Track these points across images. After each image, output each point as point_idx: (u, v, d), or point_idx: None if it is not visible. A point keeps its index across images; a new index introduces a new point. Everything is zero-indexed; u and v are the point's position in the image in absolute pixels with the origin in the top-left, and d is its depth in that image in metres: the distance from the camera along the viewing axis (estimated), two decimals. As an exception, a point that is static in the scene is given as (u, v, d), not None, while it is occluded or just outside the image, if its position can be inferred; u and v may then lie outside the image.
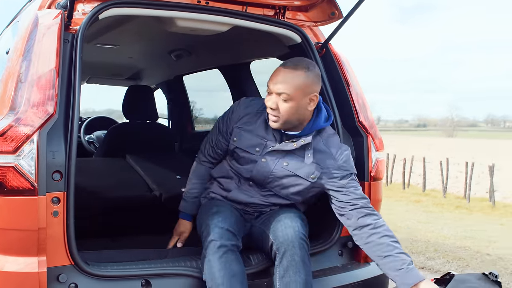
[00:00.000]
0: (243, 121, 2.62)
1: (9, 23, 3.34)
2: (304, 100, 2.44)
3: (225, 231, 2.41)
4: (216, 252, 2.33)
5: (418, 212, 10.24)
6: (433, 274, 5.30)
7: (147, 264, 2.38)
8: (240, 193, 2.63)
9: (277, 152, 2.54)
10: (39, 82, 2.14)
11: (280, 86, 2.41)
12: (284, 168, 2.53)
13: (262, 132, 2.57)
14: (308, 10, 2.95)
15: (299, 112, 2.46)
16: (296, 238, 2.39)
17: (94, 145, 5.42)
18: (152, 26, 3.09)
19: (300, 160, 2.53)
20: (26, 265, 2.06)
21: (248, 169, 2.59)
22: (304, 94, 2.43)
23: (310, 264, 2.39)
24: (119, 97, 4.44)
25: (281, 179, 2.55)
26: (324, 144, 2.58)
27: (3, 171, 2.04)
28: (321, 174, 2.53)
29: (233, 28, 2.85)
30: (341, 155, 2.56)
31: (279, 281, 2.33)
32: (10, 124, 2.06)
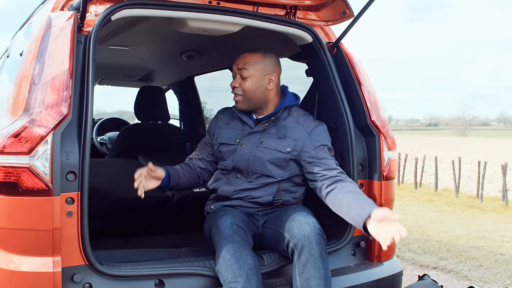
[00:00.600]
0: (221, 122, 2.90)
1: (22, 25, 3.37)
2: (263, 79, 2.73)
3: (236, 226, 2.49)
4: (230, 247, 2.37)
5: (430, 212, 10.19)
6: (446, 275, 5.28)
7: (160, 264, 2.40)
8: (228, 186, 2.76)
9: (253, 136, 2.76)
10: (53, 84, 2.16)
11: (241, 66, 2.73)
12: (261, 146, 2.72)
13: (238, 125, 2.83)
14: (319, 9, 2.95)
15: (259, 90, 2.74)
16: (313, 234, 2.41)
17: (106, 146, 5.45)
18: (163, 27, 3.10)
19: (274, 137, 2.73)
20: (41, 265, 2.08)
21: (231, 159, 2.77)
22: (262, 73, 2.73)
23: (328, 259, 2.41)
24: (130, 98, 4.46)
25: (260, 158, 2.70)
26: (296, 120, 2.78)
27: (18, 171, 2.06)
28: (295, 146, 2.70)
29: (244, 28, 2.86)
30: (314, 129, 2.74)
31: (299, 277, 2.35)
32: (24, 125, 2.08)
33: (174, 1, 2.59)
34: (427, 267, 5.54)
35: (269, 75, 2.75)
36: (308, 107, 3.17)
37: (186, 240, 3.40)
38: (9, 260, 2.10)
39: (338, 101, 2.85)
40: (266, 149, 2.71)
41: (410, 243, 6.65)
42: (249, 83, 2.72)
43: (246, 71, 2.72)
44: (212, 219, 2.66)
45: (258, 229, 2.71)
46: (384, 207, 2.31)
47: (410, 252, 6.18)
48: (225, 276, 2.31)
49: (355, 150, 2.79)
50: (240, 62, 2.75)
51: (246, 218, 2.66)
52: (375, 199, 2.80)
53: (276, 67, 2.80)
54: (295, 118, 2.79)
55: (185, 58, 4.39)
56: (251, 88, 2.73)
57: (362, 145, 2.85)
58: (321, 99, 3.05)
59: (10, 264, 2.09)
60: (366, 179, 2.84)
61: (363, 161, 2.84)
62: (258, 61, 2.74)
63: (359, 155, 2.82)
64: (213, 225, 2.57)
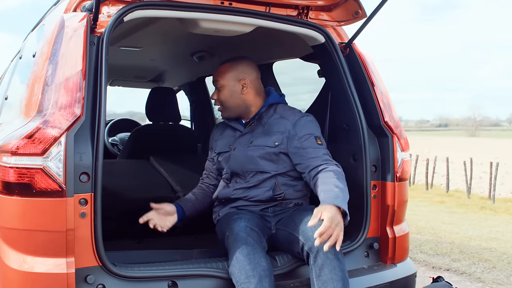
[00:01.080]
0: (217, 135, 3.05)
1: (34, 27, 3.38)
2: (235, 85, 2.85)
3: (250, 229, 2.50)
4: (244, 248, 2.37)
5: (442, 213, 10.12)
6: (459, 276, 5.24)
7: (173, 265, 2.39)
8: (228, 189, 2.86)
9: (243, 138, 2.87)
10: (66, 85, 2.16)
11: (215, 79, 2.90)
12: (251, 146, 2.81)
13: (230, 132, 2.95)
14: (331, 9, 2.94)
15: (235, 97, 2.86)
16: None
17: (117, 147, 5.46)
18: (175, 28, 3.10)
19: (260, 134, 2.83)
20: (54, 266, 2.09)
21: (227, 166, 2.88)
22: (233, 81, 2.85)
23: (344, 260, 2.39)
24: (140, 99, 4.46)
25: (252, 157, 2.78)
26: (280, 115, 2.86)
27: (32, 173, 2.06)
28: (282, 139, 2.77)
29: (256, 29, 2.85)
30: (298, 120, 2.80)
31: (316, 280, 2.33)
32: (38, 127, 2.09)
33: (186, 1, 2.58)
34: (439, 268, 5.50)
35: (241, 81, 2.85)
36: (321, 108, 3.16)
37: (197, 241, 3.39)
38: (23, 261, 2.10)
39: (350, 102, 2.84)
40: (256, 147, 2.80)
41: (422, 244, 6.60)
42: (223, 93, 2.87)
43: (219, 82, 2.87)
44: (225, 222, 2.67)
45: (271, 231, 2.71)
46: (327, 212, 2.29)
47: (422, 253, 6.14)
48: (238, 277, 2.31)
49: (368, 151, 2.78)
50: (214, 76, 2.91)
51: (260, 222, 2.67)
52: (388, 200, 2.79)
53: (248, 71, 2.89)
54: (280, 113, 2.87)
55: (196, 59, 4.39)
56: (226, 97, 2.86)
57: (375, 146, 2.84)
58: (334, 100, 3.04)
59: (23, 265, 2.10)
60: (379, 180, 2.82)
61: (376, 162, 2.82)
62: (227, 70, 2.87)
63: (372, 156, 2.81)
64: (227, 228, 2.58)
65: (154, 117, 4.27)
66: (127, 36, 3.52)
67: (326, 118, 3.10)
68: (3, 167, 2.10)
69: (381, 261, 2.85)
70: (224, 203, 2.86)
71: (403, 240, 2.88)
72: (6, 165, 2.09)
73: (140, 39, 3.72)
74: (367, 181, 2.77)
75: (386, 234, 2.81)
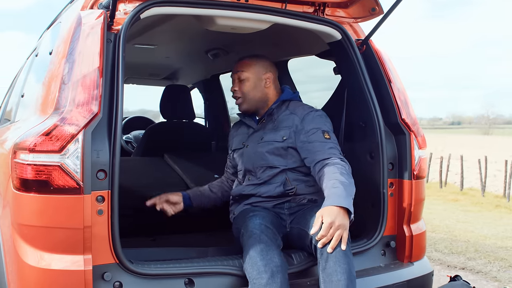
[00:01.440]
0: (233, 132, 3.12)
1: (50, 24, 3.39)
2: (260, 79, 2.90)
3: (265, 227, 2.51)
4: (257, 245, 2.37)
5: (456, 211, 10.04)
6: (475, 275, 5.20)
7: (189, 263, 2.39)
8: (240, 186, 2.92)
9: (255, 135, 2.91)
10: (84, 82, 2.16)
11: (239, 71, 2.92)
12: (261, 142, 2.85)
13: (244, 129, 3.01)
14: (348, 6, 2.92)
15: (257, 90, 2.91)
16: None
17: (131, 144, 5.47)
18: (191, 25, 3.09)
19: (270, 130, 2.86)
20: (72, 263, 2.09)
21: (241, 163, 2.94)
22: (257, 74, 2.90)
23: (351, 255, 2.36)
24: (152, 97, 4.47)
25: (261, 152, 2.82)
26: (291, 111, 2.89)
27: (49, 170, 2.07)
28: (290, 133, 2.79)
29: (272, 26, 2.84)
30: (306, 114, 2.82)
31: (322, 272, 2.32)
32: (55, 124, 2.09)
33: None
34: (454, 267, 5.46)
35: (263, 75, 2.92)
36: (337, 105, 3.14)
37: (212, 238, 3.39)
38: (40, 257, 2.10)
39: (367, 99, 2.81)
40: (265, 142, 2.84)
41: (437, 243, 6.56)
42: (247, 84, 2.90)
43: (243, 74, 2.90)
44: (240, 220, 2.68)
45: (286, 229, 2.70)
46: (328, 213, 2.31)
47: (437, 252, 6.10)
48: (250, 273, 2.31)
49: (385, 148, 2.76)
50: (236, 67, 2.95)
51: (275, 220, 2.67)
52: (405, 198, 2.77)
53: (269, 67, 2.97)
54: (291, 110, 2.90)
55: (211, 57, 4.38)
56: (249, 89, 2.90)
57: (392, 143, 2.81)
58: (350, 97, 3.02)
59: (41, 262, 2.10)
60: (396, 178, 2.80)
61: (393, 159, 2.80)
62: (253, 63, 2.93)
63: (389, 153, 2.78)
64: (242, 225, 2.59)
65: (168, 114, 4.28)
66: (142, 33, 3.52)
67: (342, 116, 3.08)
68: (21, 164, 2.10)
69: (398, 260, 2.83)
70: (238, 201, 2.88)
71: (420, 238, 2.86)
72: (24, 162, 2.09)
73: (155, 36, 3.72)
74: (384, 179, 2.75)
75: (403, 233, 2.79)
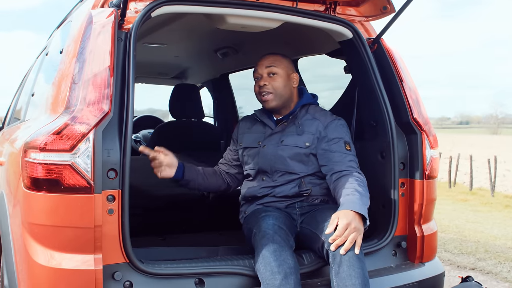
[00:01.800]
0: (244, 128, 3.01)
1: (60, 24, 3.39)
2: (287, 77, 2.85)
3: (277, 227, 2.49)
4: (271, 245, 2.35)
5: (465, 212, 9.99)
6: (485, 276, 5.16)
7: (199, 263, 2.38)
8: (254, 188, 2.83)
9: (274, 136, 2.84)
10: (95, 81, 2.15)
11: (269, 65, 2.83)
12: (281, 145, 2.78)
13: (260, 128, 2.92)
14: (359, 4, 2.90)
15: (286, 88, 2.84)
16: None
17: (140, 143, 5.48)
18: (201, 24, 3.08)
19: (293, 134, 2.79)
20: (82, 262, 2.08)
21: (255, 162, 2.85)
22: (287, 71, 2.85)
23: (364, 259, 2.34)
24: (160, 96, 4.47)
25: (281, 156, 2.76)
26: (313, 116, 2.84)
27: (60, 169, 2.06)
28: (313, 140, 2.75)
29: (283, 25, 2.82)
30: (330, 122, 2.79)
31: (335, 277, 2.30)
32: (66, 123, 2.08)
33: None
34: (464, 268, 5.42)
35: (291, 74, 2.87)
36: (347, 104, 3.12)
37: (222, 237, 3.38)
38: (50, 257, 2.10)
39: (378, 98, 2.79)
40: (286, 146, 2.77)
41: (447, 243, 6.52)
42: (278, 81, 2.82)
43: (275, 68, 2.82)
44: (252, 220, 2.66)
45: (297, 229, 2.68)
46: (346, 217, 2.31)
47: (447, 252, 6.06)
48: (263, 273, 2.29)
49: (396, 148, 2.73)
50: (267, 62, 2.85)
51: (288, 220, 2.65)
52: (416, 198, 2.74)
53: (293, 67, 2.95)
54: (312, 114, 2.85)
55: (220, 56, 4.37)
56: (281, 85, 2.82)
57: (403, 143, 2.79)
58: (361, 96, 3.00)
59: (51, 261, 2.09)
60: (408, 178, 2.78)
61: (404, 159, 2.78)
62: (283, 59, 2.87)
63: (400, 153, 2.76)
64: (254, 225, 2.57)
65: (177, 114, 4.27)
66: (151, 32, 3.52)
67: (353, 115, 3.06)
68: (32, 163, 2.10)
69: (409, 260, 2.80)
70: (250, 201, 2.85)
71: (432, 239, 2.83)
72: (35, 161, 2.08)
73: (165, 35, 3.71)
74: (395, 178, 2.72)
75: (414, 233, 2.77)
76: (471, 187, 14.53)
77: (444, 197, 12.31)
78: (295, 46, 3.74)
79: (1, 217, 2.62)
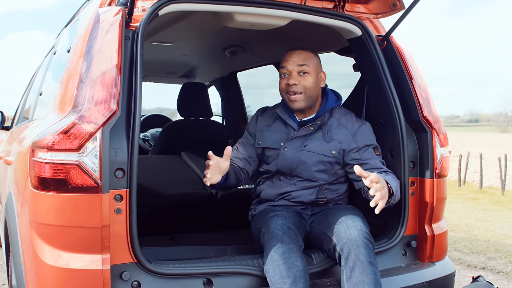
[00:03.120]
0: (262, 124, 2.84)
1: (68, 23, 3.38)
2: (318, 76, 2.73)
3: (287, 228, 2.45)
4: (280, 247, 2.32)
5: (475, 210, 9.91)
6: (495, 275, 5.11)
7: (208, 263, 2.36)
8: (271, 189, 2.76)
9: (297, 139, 2.72)
10: (102, 80, 2.14)
11: (301, 63, 2.68)
12: (305, 150, 2.68)
13: (282, 128, 2.78)
14: (368, 2, 2.87)
15: (316, 88, 2.73)
16: (360, 238, 2.33)
17: (149, 142, 5.47)
18: (209, 22, 3.07)
19: (318, 140, 2.69)
20: (90, 262, 2.07)
21: (274, 163, 2.74)
22: (317, 70, 2.74)
23: (376, 263, 2.32)
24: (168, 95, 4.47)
25: (304, 162, 2.67)
26: (339, 122, 2.74)
27: (67, 168, 2.05)
28: (340, 149, 2.67)
29: (291, 22, 2.80)
30: (357, 129, 2.71)
31: (346, 282, 2.27)
32: (73, 122, 2.07)
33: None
34: (474, 267, 5.38)
35: (320, 73, 2.77)
36: (356, 102, 3.10)
37: (230, 237, 3.37)
38: (58, 256, 2.09)
39: (388, 96, 2.76)
40: (311, 153, 2.68)
41: (456, 242, 6.47)
42: (309, 79, 2.69)
43: (307, 67, 2.69)
44: (261, 219, 2.62)
45: (306, 228, 2.66)
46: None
47: (457, 251, 6.01)
48: (272, 277, 2.27)
49: (406, 146, 2.70)
50: (299, 59, 2.70)
51: (297, 220, 2.62)
52: (426, 197, 2.72)
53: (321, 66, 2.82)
54: (337, 119, 2.75)
55: (228, 54, 4.36)
56: (312, 85, 2.70)
57: (413, 141, 2.76)
58: (370, 94, 2.97)
59: (59, 261, 2.09)
60: (418, 177, 2.75)
61: (414, 158, 2.75)
62: (314, 57, 2.75)
63: (410, 152, 2.73)
64: (263, 225, 2.53)
65: (185, 112, 4.26)
66: (159, 31, 3.51)
67: (362, 113, 3.04)
68: (39, 163, 2.09)
69: (419, 260, 2.78)
70: (264, 202, 2.79)
71: (442, 238, 2.80)
72: (42, 161, 2.08)
73: (173, 34, 3.70)
74: (405, 177, 2.70)
75: (425, 232, 2.74)
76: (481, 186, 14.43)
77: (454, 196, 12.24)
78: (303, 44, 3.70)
79: (9, 217, 2.62)
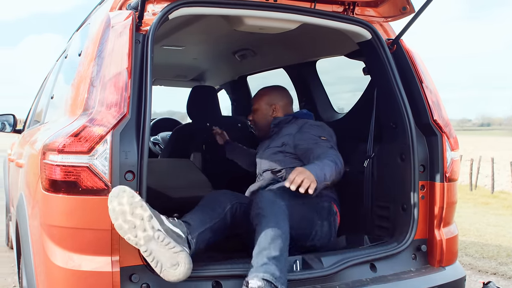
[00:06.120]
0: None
1: (79, 26, 3.41)
2: (267, 110, 3.27)
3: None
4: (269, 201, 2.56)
5: (487, 215, 9.84)
6: (507, 281, 5.07)
7: (217, 265, 2.36)
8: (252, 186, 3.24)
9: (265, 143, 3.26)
10: (113, 83, 2.15)
11: (252, 103, 3.36)
12: (268, 148, 3.16)
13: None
14: (378, 5, 2.86)
15: (266, 119, 3.27)
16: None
17: (159, 146, 5.49)
18: (219, 26, 3.08)
19: (275, 139, 3.16)
20: (100, 264, 2.08)
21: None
22: (266, 105, 3.27)
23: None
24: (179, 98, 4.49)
25: (267, 158, 3.14)
26: (295, 123, 3.16)
27: (78, 171, 2.06)
28: (288, 140, 3.05)
29: (301, 26, 2.80)
30: (304, 123, 3.09)
31: None
32: (84, 125, 2.09)
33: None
34: (486, 272, 5.34)
35: (272, 106, 3.26)
36: (366, 106, 3.09)
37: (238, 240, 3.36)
38: (69, 258, 2.11)
39: (398, 100, 2.76)
40: (269, 148, 3.15)
41: (467, 247, 6.43)
42: (256, 115, 3.32)
43: (253, 107, 3.33)
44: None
45: None
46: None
47: (468, 256, 5.97)
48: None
49: (416, 150, 2.70)
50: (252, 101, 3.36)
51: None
52: (437, 201, 2.70)
53: (278, 98, 3.28)
54: (295, 122, 3.16)
55: (238, 58, 4.37)
56: (258, 118, 3.31)
57: (423, 145, 2.75)
58: (380, 98, 2.96)
59: (69, 263, 2.10)
60: (428, 181, 2.74)
61: (424, 161, 2.74)
62: (261, 96, 3.32)
63: (420, 155, 2.72)
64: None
65: (195, 116, 4.27)
66: (170, 35, 3.52)
67: (372, 117, 3.03)
68: (50, 165, 2.11)
69: (429, 264, 2.76)
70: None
71: (452, 242, 2.79)
72: (53, 163, 2.09)
73: (183, 37, 3.72)
74: (415, 181, 2.69)
75: (434, 236, 2.73)
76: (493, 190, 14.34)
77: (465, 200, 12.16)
78: (313, 48, 3.72)
79: (20, 219, 2.63)
